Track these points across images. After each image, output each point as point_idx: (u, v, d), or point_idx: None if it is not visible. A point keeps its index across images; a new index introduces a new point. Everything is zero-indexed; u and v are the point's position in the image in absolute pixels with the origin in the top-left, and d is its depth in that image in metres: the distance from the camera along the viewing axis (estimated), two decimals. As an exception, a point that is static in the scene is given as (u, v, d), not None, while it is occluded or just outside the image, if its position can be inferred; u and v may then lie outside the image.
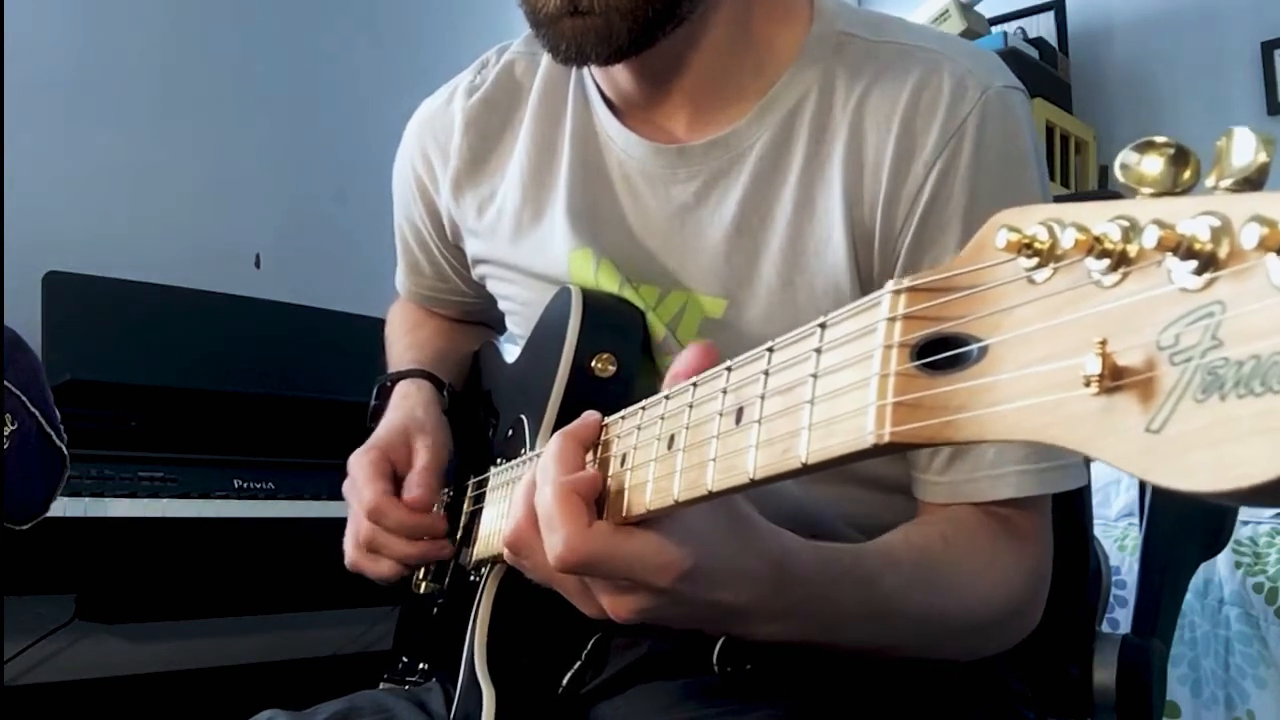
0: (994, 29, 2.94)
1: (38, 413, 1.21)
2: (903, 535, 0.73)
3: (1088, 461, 0.78)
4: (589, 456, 0.58)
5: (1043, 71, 2.86)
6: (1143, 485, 1.13)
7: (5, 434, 1.16)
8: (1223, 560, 1.78)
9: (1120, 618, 1.56)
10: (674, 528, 0.53)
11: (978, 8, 2.93)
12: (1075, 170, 2.83)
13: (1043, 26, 3.01)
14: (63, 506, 1.44)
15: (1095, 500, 1.55)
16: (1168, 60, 2.81)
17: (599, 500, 0.55)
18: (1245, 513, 1.82)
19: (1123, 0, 2.92)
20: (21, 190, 1.92)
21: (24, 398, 1.20)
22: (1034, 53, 2.88)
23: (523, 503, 0.58)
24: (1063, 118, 2.81)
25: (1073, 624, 0.96)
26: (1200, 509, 1.15)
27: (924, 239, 0.76)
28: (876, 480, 0.82)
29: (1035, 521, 0.76)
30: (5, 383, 1.17)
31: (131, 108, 2.28)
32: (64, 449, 1.26)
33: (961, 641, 0.75)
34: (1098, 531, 1.08)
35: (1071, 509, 0.87)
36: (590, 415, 0.59)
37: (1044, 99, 2.74)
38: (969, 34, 2.79)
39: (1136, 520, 1.59)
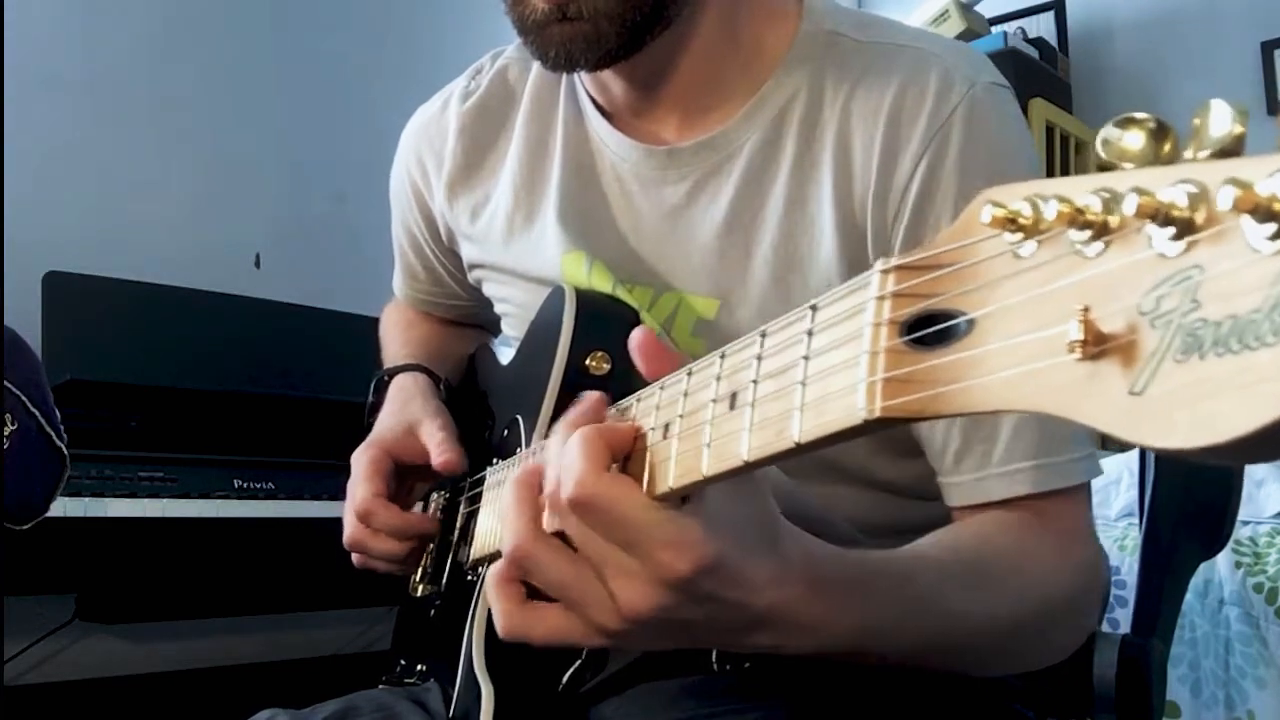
0: (994, 29, 2.94)
1: (38, 413, 1.21)
2: (933, 538, 0.70)
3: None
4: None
5: (1043, 71, 2.86)
6: (1142, 485, 1.12)
7: (5, 434, 1.15)
8: (1223, 560, 1.77)
9: (1120, 618, 1.56)
10: (698, 513, 0.48)
11: (977, 8, 2.93)
12: (1075, 170, 2.82)
13: (1043, 26, 3.01)
14: (63, 506, 1.44)
15: (1095, 500, 1.53)
16: (1168, 60, 2.81)
17: None
18: (1245, 512, 1.82)
19: (1123, 0, 2.93)
20: (21, 190, 1.92)
21: (24, 398, 1.19)
22: (1034, 53, 2.88)
23: (520, 501, 0.53)
24: (1063, 118, 2.81)
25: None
26: (1200, 509, 1.15)
27: (918, 235, 0.75)
28: (882, 483, 0.82)
29: (1073, 512, 0.74)
30: (5, 383, 1.17)
31: (131, 108, 2.28)
32: (64, 449, 1.25)
33: (1014, 643, 0.70)
34: (1098, 531, 1.07)
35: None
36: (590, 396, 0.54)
37: (1044, 99, 2.74)
38: (969, 34, 2.79)
39: (1136, 520, 1.59)
